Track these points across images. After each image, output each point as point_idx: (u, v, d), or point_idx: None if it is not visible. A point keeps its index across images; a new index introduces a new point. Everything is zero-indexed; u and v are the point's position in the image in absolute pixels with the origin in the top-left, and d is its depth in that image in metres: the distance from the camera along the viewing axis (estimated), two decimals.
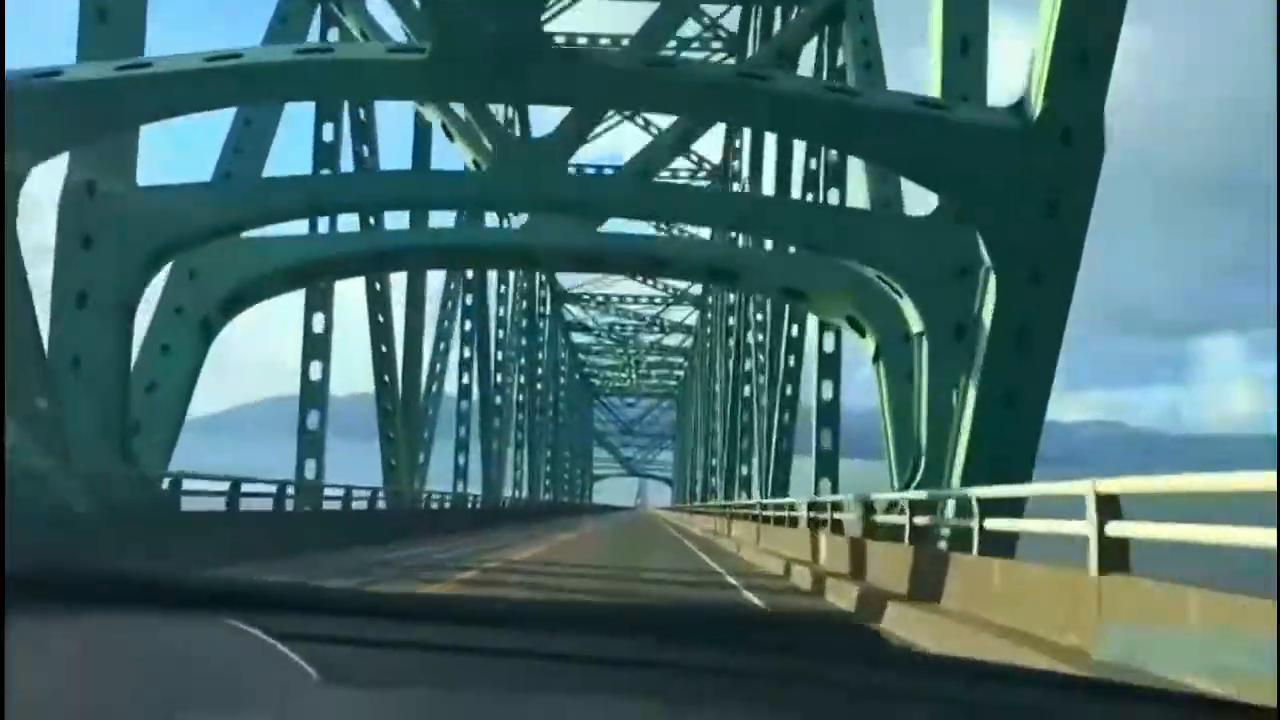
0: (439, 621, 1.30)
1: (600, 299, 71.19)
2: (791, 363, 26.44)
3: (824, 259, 16.41)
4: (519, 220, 17.04)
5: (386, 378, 26.96)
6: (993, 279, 10.58)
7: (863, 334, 15.82)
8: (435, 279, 35.29)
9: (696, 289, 66.95)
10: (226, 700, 0.93)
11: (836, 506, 14.94)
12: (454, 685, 1.04)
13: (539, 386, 61.59)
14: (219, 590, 1.35)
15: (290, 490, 19.57)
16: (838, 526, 16.44)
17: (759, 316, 34.84)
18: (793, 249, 17.27)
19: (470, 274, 38.35)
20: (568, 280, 69.69)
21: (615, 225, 18.55)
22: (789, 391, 26.76)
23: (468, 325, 39.26)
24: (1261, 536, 4.48)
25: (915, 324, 13.30)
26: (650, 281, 67.68)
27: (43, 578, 1.22)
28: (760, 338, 34.52)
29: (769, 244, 18.89)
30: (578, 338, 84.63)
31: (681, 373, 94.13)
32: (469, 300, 39.05)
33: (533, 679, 1.07)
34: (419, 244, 17.21)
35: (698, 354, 70.17)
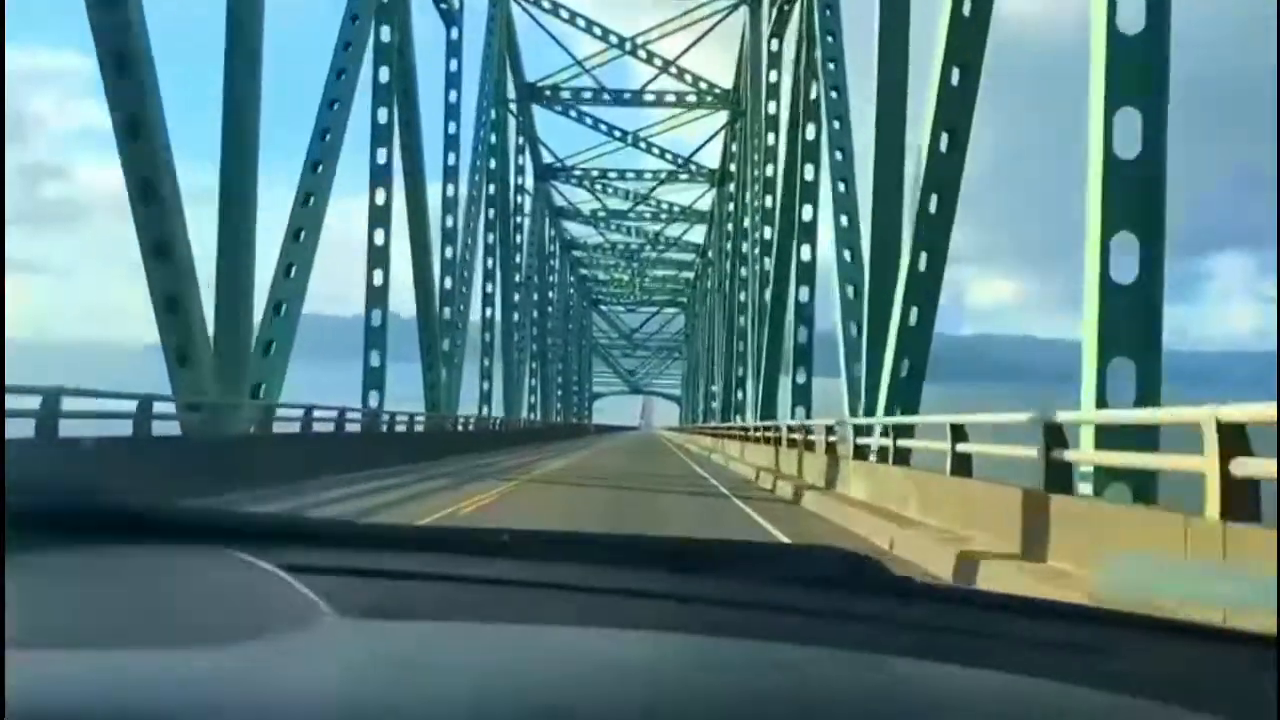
0: (447, 552, 1.31)
1: (595, 173, 57.16)
2: (943, 141, 13.09)
3: None
4: None
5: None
6: None
7: None
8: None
9: (710, 154, 53.46)
10: (236, 630, 0.91)
11: None
12: (463, 614, 1.04)
13: (518, 278, 48.29)
14: (225, 523, 1.36)
15: None
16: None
17: (834, 124, 21.43)
18: None
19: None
20: (557, 146, 55.88)
21: None
22: (935, 205, 13.47)
23: (386, 157, 25.71)
24: None
25: None
26: (655, 150, 53.99)
27: (47, 511, 1.20)
28: (839, 154, 21.13)
29: None
30: (571, 229, 70.77)
31: (691, 273, 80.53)
32: (382, 117, 25.56)
33: (540, 608, 1.07)
34: None
35: (715, 237, 56.51)
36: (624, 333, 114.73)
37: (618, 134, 52.57)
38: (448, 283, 32.72)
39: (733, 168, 46.62)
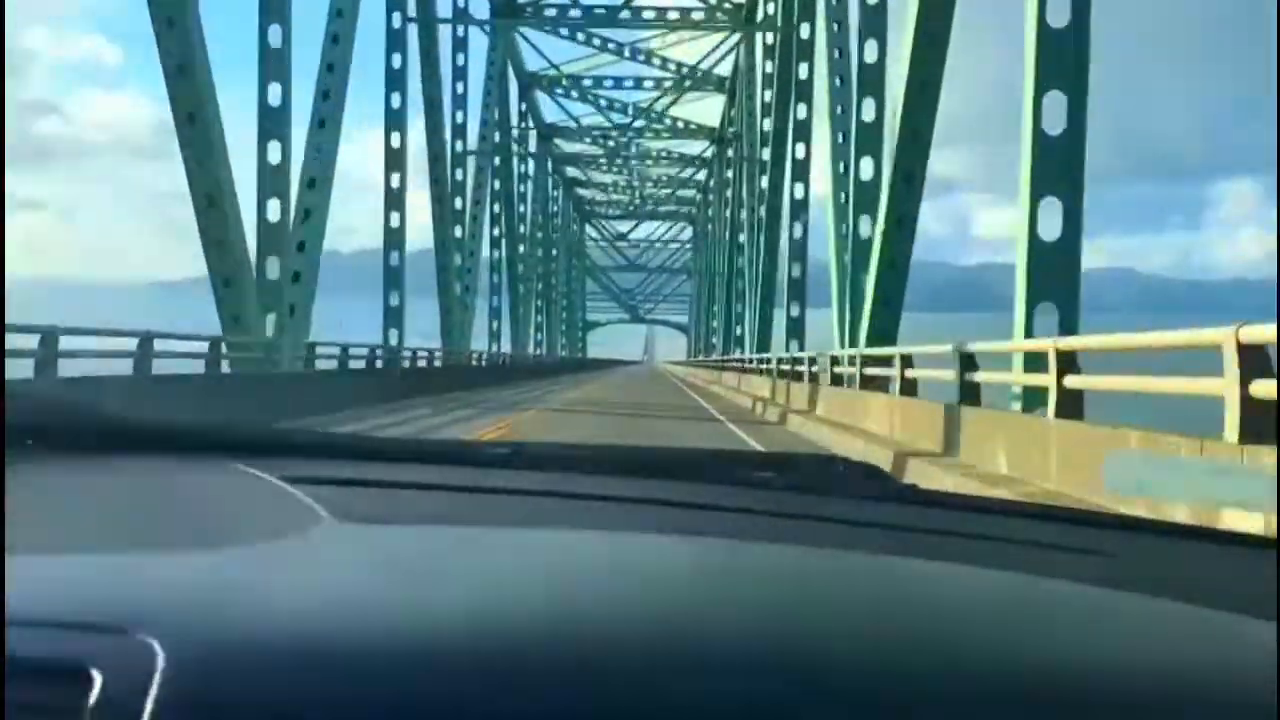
0: (449, 463, 1.32)
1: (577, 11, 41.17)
2: None
3: None
4: None
5: None
6: None
7: None
8: None
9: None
10: (235, 536, 0.92)
11: None
12: (467, 520, 1.05)
13: (461, 145, 33.16)
14: (226, 437, 1.35)
15: None
16: None
17: None
18: None
19: None
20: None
21: None
22: None
23: None
24: None
25: None
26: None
27: (50, 426, 1.21)
28: None
29: None
30: (551, 113, 55.02)
31: (701, 170, 64.92)
32: None
33: (545, 515, 1.07)
34: None
35: (738, 101, 40.47)
36: (612, 238, 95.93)
37: None
38: (273, 95, 17.50)
39: None
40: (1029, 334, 9.55)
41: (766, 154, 30.44)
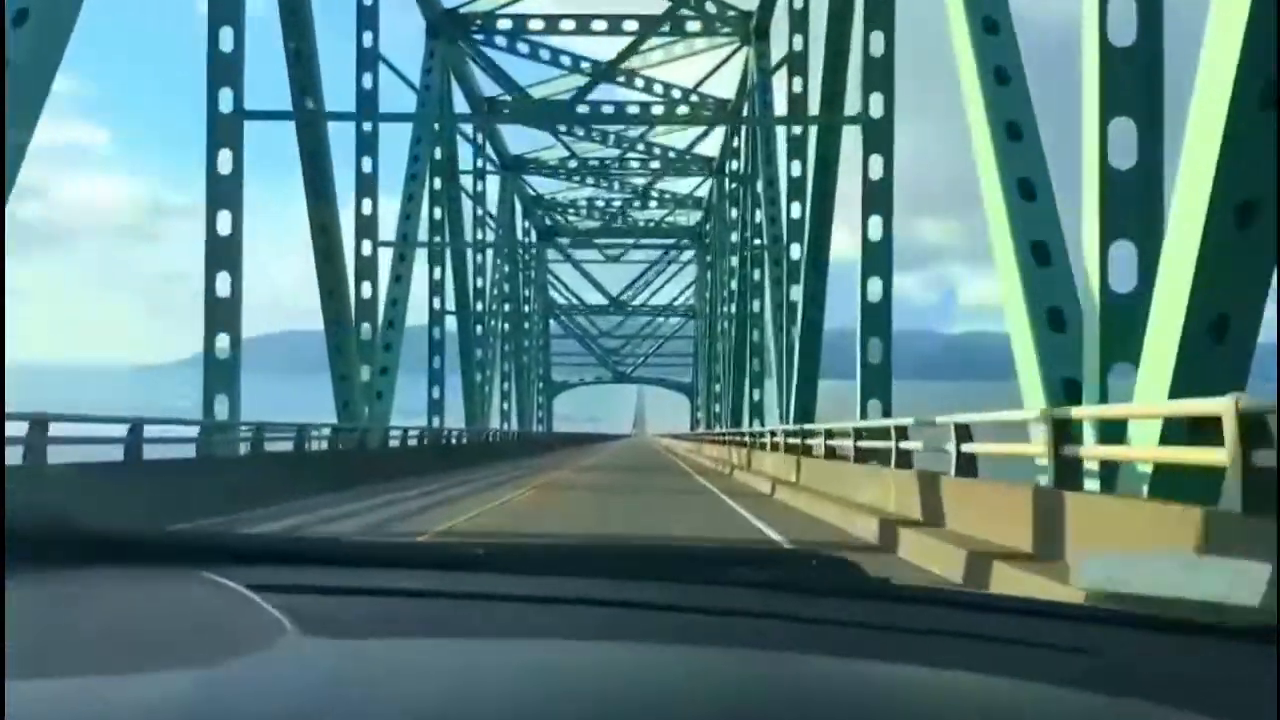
0: (419, 567, 1.36)
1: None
2: None
3: None
4: None
5: None
6: None
7: None
8: None
9: None
10: (201, 651, 0.95)
11: None
12: (437, 630, 1.08)
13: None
14: (191, 544, 1.39)
15: None
16: None
17: None
18: None
19: None
20: None
21: None
22: None
23: None
24: None
25: None
26: None
27: (15, 536, 1.22)
28: None
29: None
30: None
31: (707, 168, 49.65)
32: None
33: (514, 621, 1.10)
34: None
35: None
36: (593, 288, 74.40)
37: None
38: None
39: None
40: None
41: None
